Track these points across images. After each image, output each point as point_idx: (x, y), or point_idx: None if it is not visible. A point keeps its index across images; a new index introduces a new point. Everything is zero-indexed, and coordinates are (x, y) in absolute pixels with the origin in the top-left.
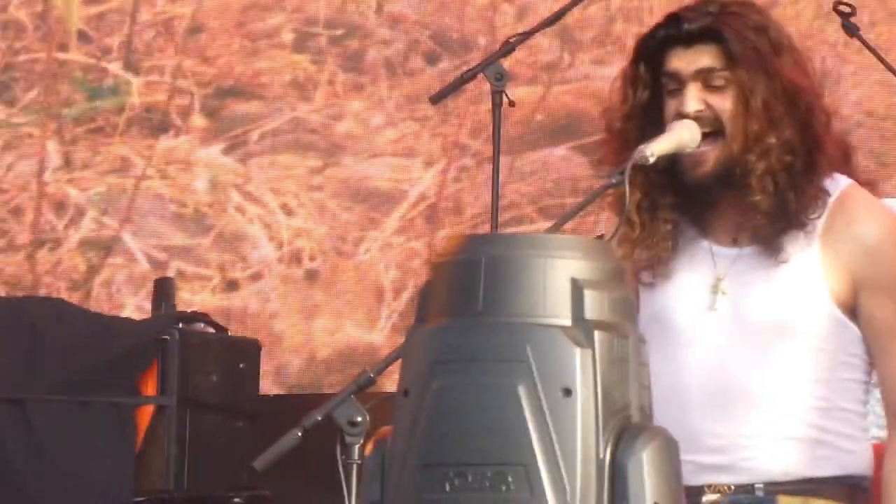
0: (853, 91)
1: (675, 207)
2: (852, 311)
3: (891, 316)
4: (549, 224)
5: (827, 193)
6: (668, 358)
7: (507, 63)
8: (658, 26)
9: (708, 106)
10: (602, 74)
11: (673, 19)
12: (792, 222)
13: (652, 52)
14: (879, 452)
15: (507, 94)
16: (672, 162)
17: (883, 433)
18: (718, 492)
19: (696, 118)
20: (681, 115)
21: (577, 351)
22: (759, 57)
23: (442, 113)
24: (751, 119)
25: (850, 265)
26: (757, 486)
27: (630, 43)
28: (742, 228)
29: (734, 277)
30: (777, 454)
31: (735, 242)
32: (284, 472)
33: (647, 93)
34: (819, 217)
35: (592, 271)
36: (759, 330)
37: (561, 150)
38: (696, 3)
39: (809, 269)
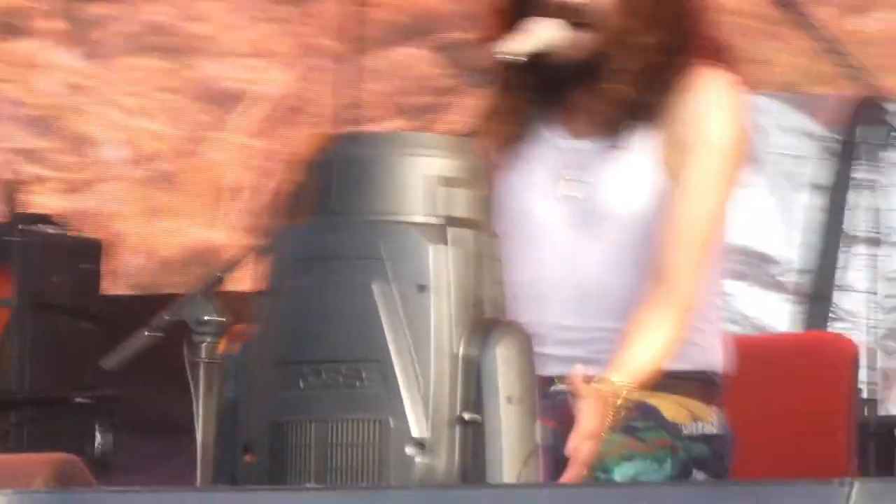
0: None
1: (533, 95)
2: None
3: (693, 168)
4: (404, 123)
5: (681, 88)
6: (521, 249)
7: None
8: None
9: None
10: None
11: None
12: (643, 118)
13: None
14: (754, 346)
15: None
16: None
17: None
18: (569, 383)
19: (570, 9)
20: (555, 5)
21: (431, 247)
22: None
23: (299, 13)
24: (626, 16)
25: (681, 139)
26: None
27: None
28: (595, 121)
29: (582, 167)
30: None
31: (585, 133)
32: (132, 372)
33: None
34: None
35: (450, 168)
36: (606, 219)
37: (416, 49)
38: None
39: (651, 157)
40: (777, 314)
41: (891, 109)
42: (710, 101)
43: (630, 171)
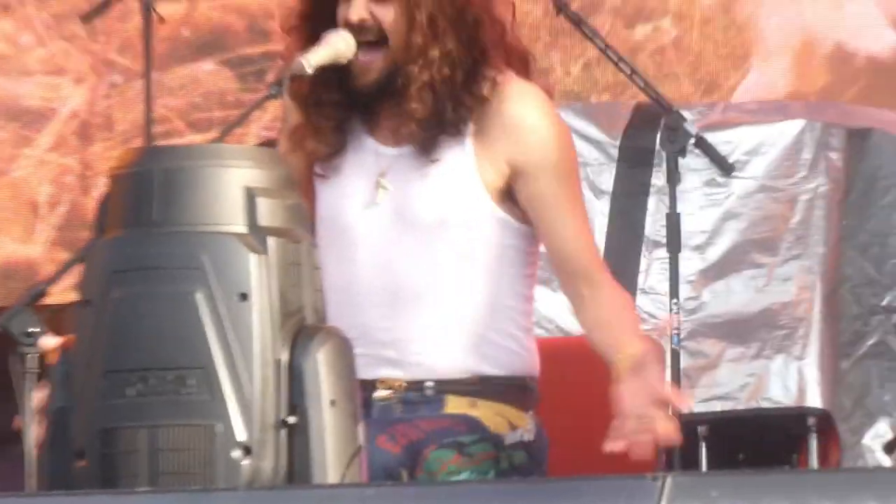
0: None
1: (342, 106)
2: (511, 201)
3: (553, 191)
4: (198, 137)
5: (487, 100)
6: (339, 256)
7: None
8: None
9: (373, 15)
10: None
11: None
12: (447, 129)
13: None
14: (557, 348)
15: (156, 11)
16: (345, 67)
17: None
18: (390, 387)
19: (360, 27)
20: (346, 24)
21: (252, 257)
22: None
23: (90, 31)
24: (414, 31)
25: (505, 154)
26: (427, 383)
27: None
28: (401, 132)
29: (395, 175)
30: (443, 350)
31: (396, 142)
32: None
33: None
34: (472, 116)
35: (264, 179)
36: (419, 226)
37: (208, 65)
38: None
39: (463, 167)
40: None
41: (684, 116)
42: (535, 121)
43: (444, 179)
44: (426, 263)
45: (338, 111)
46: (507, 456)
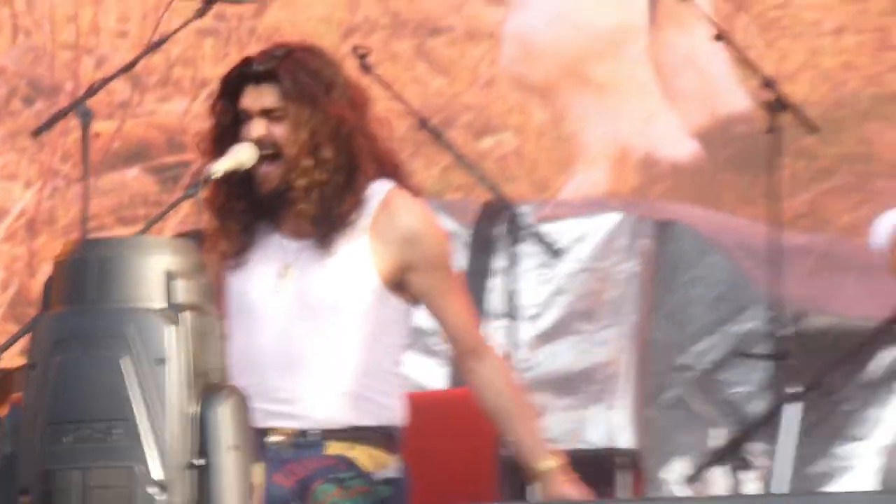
0: None
1: (249, 212)
2: (398, 286)
3: (438, 283)
4: (125, 230)
5: (366, 201)
6: (247, 330)
7: (90, 103)
8: (236, 67)
9: (269, 133)
10: (165, 110)
11: (246, 62)
12: (336, 224)
13: (231, 88)
14: (417, 401)
15: (93, 129)
16: (249, 174)
17: None
18: (283, 434)
19: (259, 143)
20: (248, 138)
21: (167, 328)
22: (310, 95)
23: (38, 144)
24: (299, 145)
25: (397, 252)
26: (312, 431)
27: (186, 84)
28: (301, 228)
29: (298, 265)
30: (329, 406)
31: (299, 236)
32: None
33: (229, 118)
34: (366, 217)
35: (180, 264)
36: (315, 308)
37: (134, 171)
38: (269, 48)
39: (358, 258)
40: (433, 375)
41: (522, 211)
42: (414, 223)
43: (340, 270)
44: (318, 338)
45: (245, 216)
46: (375, 489)
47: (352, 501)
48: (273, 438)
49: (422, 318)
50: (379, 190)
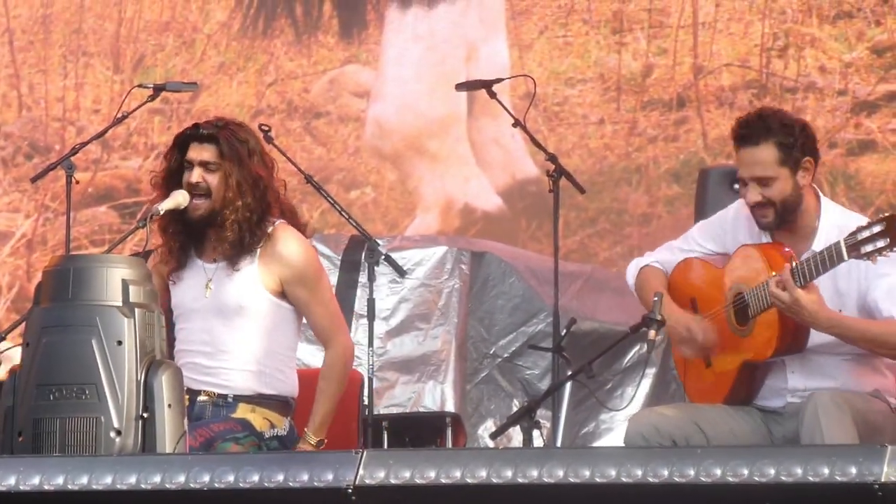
0: None
1: (184, 236)
2: (282, 295)
3: (306, 294)
4: (96, 250)
5: (270, 236)
6: (183, 326)
7: (73, 159)
8: (186, 129)
9: (204, 179)
10: (126, 165)
11: (195, 126)
12: (246, 250)
13: (181, 143)
14: (305, 376)
15: (74, 177)
16: (184, 209)
17: None
18: (208, 396)
19: (196, 185)
20: (188, 184)
21: (125, 320)
22: (239, 156)
23: (35, 188)
24: (228, 190)
25: (277, 271)
26: (229, 396)
27: (141, 148)
28: (218, 252)
29: (215, 280)
30: (239, 378)
31: (215, 260)
32: None
33: (176, 165)
34: (260, 244)
35: (133, 275)
36: (227, 310)
37: (103, 208)
38: (212, 119)
39: (253, 273)
40: (316, 357)
41: (378, 243)
42: (294, 252)
43: (242, 283)
44: (231, 332)
45: (180, 238)
46: (265, 444)
47: (245, 451)
48: (201, 398)
49: None
50: (271, 226)
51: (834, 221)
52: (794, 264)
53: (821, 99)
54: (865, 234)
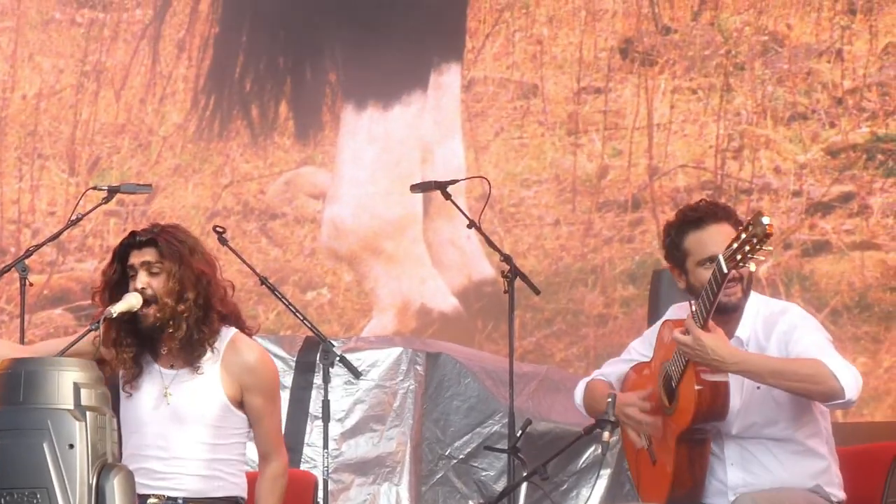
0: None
1: (137, 346)
2: (239, 404)
3: (262, 404)
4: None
5: (218, 333)
6: (137, 434)
7: (28, 262)
8: (124, 239)
9: (150, 284)
10: (81, 267)
11: (132, 234)
12: (198, 351)
13: (122, 251)
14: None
15: (28, 279)
16: (135, 315)
17: None
18: (158, 499)
19: (142, 291)
20: (135, 289)
21: (76, 423)
22: (179, 255)
23: None
24: (172, 291)
25: (238, 379)
26: (179, 499)
27: (96, 250)
28: (175, 357)
29: (173, 388)
30: (190, 483)
31: (173, 367)
32: None
33: (117, 276)
34: (220, 349)
35: (85, 378)
36: (184, 418)
37: (58, 310)
38: (148, 226)
39: (214, 381)
40: None
41: (333, 344)
42: (250, 360)
43: (202, 392)
44: (187, 438)
45: (133, 348)
46: None
47: None
48: (151, 501)
49: None
50: (227, 333)
51: (756, 307)
52: (692, 308)
53: (776, 200)
54: (737, 243)
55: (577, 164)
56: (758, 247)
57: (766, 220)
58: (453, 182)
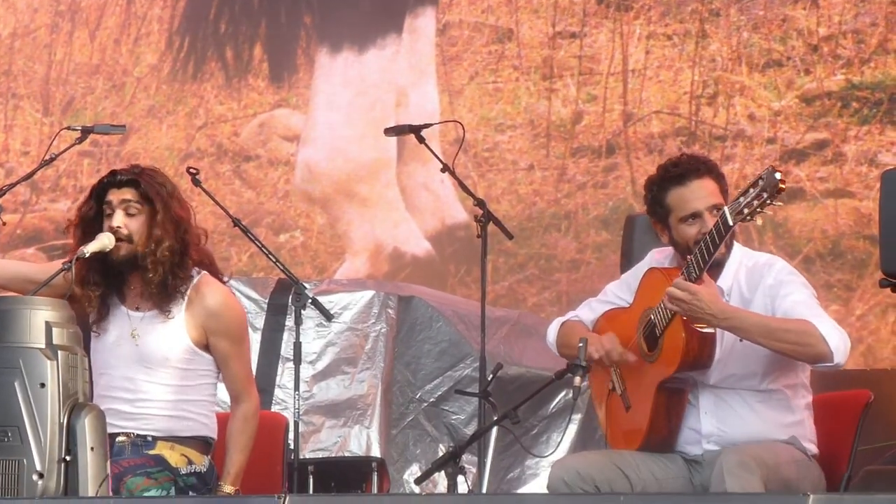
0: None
1: (104, 283)
2: (205, 347)
3: (228, 347)
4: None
5: (191, 279)
6: (105, 375)
7: (3, 200)
8: (103, 178)
9: (126, 224)
10: (55, 207)
11: (113, 173)
12: (171, 294)
13: (101, 189)
14: (224, 418)
15: (1, 219)
16: (103, 253)
17: None
18: (126, 436)
19: (117, 230)
20: (109, 228)
21: (48, 362)
22: (161, 199)
23: None
24: (149, 234)
25: (202, 322)
26: (148, 436)
27: (70, 190)
28: (144, 298)
29: (140, 330)
30: (158, 422)
31: (139, 309)
32: None
33: (93, 212)
34: (186, 292)
35: (57, 317)
36: (150, 360)
37: (31, 250)
38: (128, 166)
39: (179, 325)
40: None
41: (306, 287)
42: (215, 302)
43: (167, 333)
44: (153, 380)
45: (101, 287)
46: (182, 480)
47: (160, 487)
48: (120, 439)
49: None
50: (195, 276)
51: (739, 259)
52: (688, 258)
53: (750, 147)
54: (745, 197)
55: (552, 110)
56: (768, 201)
57: (778, 174)
58: (427, 126)
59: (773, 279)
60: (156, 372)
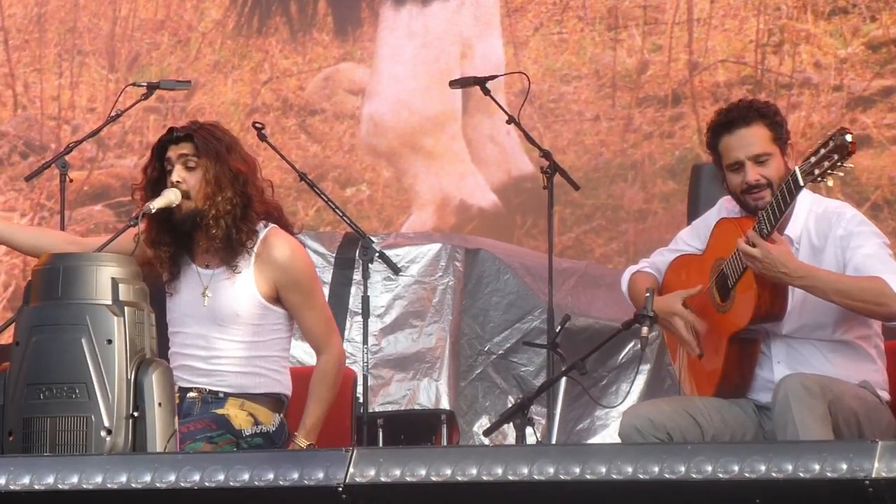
0: None
1: (174, 243)
2: (276, 300)
3: (301, 300)
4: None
5: (257, 233)
6: (179, 333)
7: (68, 158)
8: (164, 134)
9: (185, 179)
10: (121, 164)
11: (171, 130)
12: (237, 249)
13: (161, 147)
14: (298, 373)
15: (68, 176)
16: (169, 212)
17: None
18: (198, 392)
19: (178, 184)
20: (172, 184)
21: (115, 318)
22: (216, 152)
23: (31, 186)
24: (207, 186)
25: (272, 276)
26: (220, 393)
27: (136, 147)
28: (212, 255)
29: (211, 288)
30: (234, 379)
31: (209, 266)
32: None
33: (156, 174)
34: (254, 247)
35: (123, 273)
36: (222, 317)
37: (98, 207)
38: (188, 123)
39: (248, 280)
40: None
41: (373, 240)
42: (284, 256)
43: (237, 290)
44: (226, 337)
45: (171, 247)
46: (246, 441)
47: (220, 451)
48: (191, 395)
49: None
50: (262, 230)
51: (808, 206)
52: (759, 214)
53: (816, 95)
54: (815, 157)
55: (617, 60)
56: (838, 163)
57: (849, 137)
58: (492, 77)
59: (844, 230)
60: (228, 329)
